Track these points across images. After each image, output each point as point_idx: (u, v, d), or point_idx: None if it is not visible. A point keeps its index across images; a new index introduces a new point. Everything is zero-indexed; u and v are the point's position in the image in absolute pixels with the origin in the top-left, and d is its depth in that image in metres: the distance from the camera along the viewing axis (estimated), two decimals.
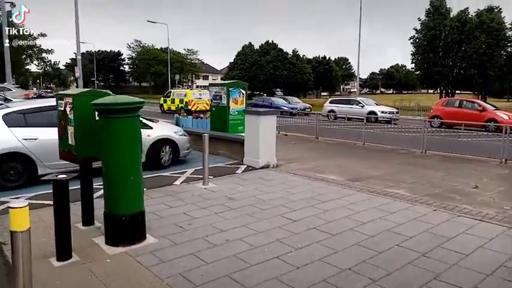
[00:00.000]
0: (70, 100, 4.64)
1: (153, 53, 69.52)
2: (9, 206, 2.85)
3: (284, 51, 58.53)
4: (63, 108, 4.80)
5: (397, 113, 24.61)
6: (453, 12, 43.46)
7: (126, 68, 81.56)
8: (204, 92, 26.68)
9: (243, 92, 10.84)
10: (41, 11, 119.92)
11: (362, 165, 9.53)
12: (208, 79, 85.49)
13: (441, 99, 31.61)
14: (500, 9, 41.73)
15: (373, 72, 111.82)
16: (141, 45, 72.79)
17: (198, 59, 77.01)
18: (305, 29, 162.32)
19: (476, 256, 4.23)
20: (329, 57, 73.61)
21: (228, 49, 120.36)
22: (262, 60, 56.53)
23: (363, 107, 24.13)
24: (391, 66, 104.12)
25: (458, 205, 6.11)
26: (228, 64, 63.31)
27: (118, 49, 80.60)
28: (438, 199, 6.45)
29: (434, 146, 11.81)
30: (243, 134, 9.16)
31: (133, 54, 75.01)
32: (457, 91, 46.29)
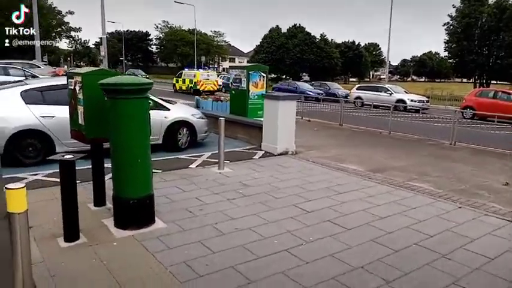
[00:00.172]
0: (79, 79, 4.53)
1: (180, 34, 69.58)
2: (6, 187, 2.75)
3: (312, 35, 57.36)
4: (73, 87, 4.71)
5: (427, 102, 23.76)
6: None
7: (154, 48, 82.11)
8: (212, 73, 29.72)
9: (264, 75, 10.54)
10: None
11: (385, 156, 9.17)
12: (234, 61, 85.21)
13: (475, 89, 30.23)
14: None
15: (404, 59, 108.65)
16: (169, 26, 72.94)
17: (225, 41, 76.68)
18: (336, 14, 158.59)
19: (502, 261, 3.91)
20: (358, 43, 71.81)
21: (256, 32, 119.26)
22: (289, 43, 55.66)
23: (391, 94, 23.37)
24: (424, 54, 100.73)
25: (485, 203, 5.74)
26: (255, 47, 62.67)
27: (146, 29, 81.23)
28: (464, 195, 6.09)
29: (464, 138, 11.26)
30: (262, 118, 8.94)
31: (161, 35, 75.33)
32: (493, 81, 44.31)
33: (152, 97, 8.20)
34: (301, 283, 3.34)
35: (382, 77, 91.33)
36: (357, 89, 25.76)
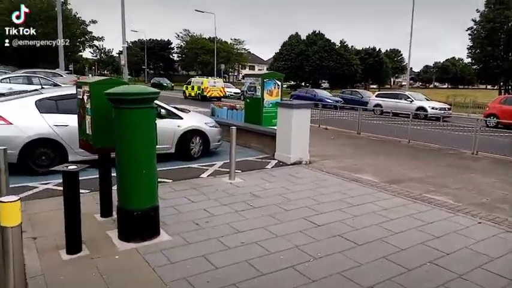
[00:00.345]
0: (87, 88, 4.50)
1: (201, 42, 70.36)
2: (0, 200, 2.71)
3: (331, 41, 57.03)
4: (81, 97, 4.69)
5: (449, 110, 23.12)
6: None
7: (175, 56, 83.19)
8: (218, 80, 32.36)
9: (279, 83, 10.43)
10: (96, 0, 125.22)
11: (403, 166, 8.88)
12: (254, 69, 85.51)
13: (499, 96, 29.25)
14: None
15: (426, 65, 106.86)
16: (190, 34, 73.86)
17: (245, 48, 77.06)
18: (356, 20, 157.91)
19: None
20: (379, 49, 70.94)
21: (276, 39, 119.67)
22: (309, 50, 55.45)
23: (411, 101, 22.87)
24: (447, 60, 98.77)
25: (508, 218, 5.41)
26: (274, 54, 62.74)
27: (168, 38, 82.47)
28: (485, 209, 5.78)
29: (487, 147, 10.83)
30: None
31: (182, 44, 76.31)
32: None
33: (165, 106, 8.20)
34: None
35: (403, 83, 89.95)
36: (376, 96, 25.32)
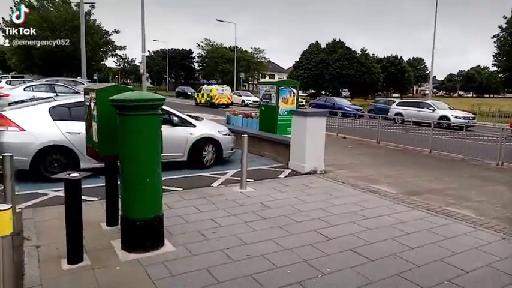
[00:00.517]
0: (94, 95, 4.45)
1: (221, 51, 70.88)
2: None
3: (352, 49, 56.53)
4: (88, 104, 4.64)
5: (473, 119, 22.39)
6: None
7: (196, 65, 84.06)
8: (226, 88, 34.38)
9: (294, 91, 10.26)
10: (120, 9, 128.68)
11: (423, 177, 8.53)
12: (274, 78, 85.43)
13: None
14: None
15: (450, 74, 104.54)
16: (210, 43, 74.54)
17: (265, 57, 77.08)
18: (378, 29, 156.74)
19: None
20: (401, 57, 69.85)
21: (296, 48, 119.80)
22: (329, 58, 55.10)
23: (434, 110, 22.27)
24: (472, 68, 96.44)
25: None
26: (293, 63, 62.66)
27: (189, 47, 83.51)
28: (509, 224, 5.42)
29: None
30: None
31: (202, 53, 77.09)
32: None
33: (178, 113, 8.14)
34: None
35: (426, 92, 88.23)
36: (397, 105, 24.80)
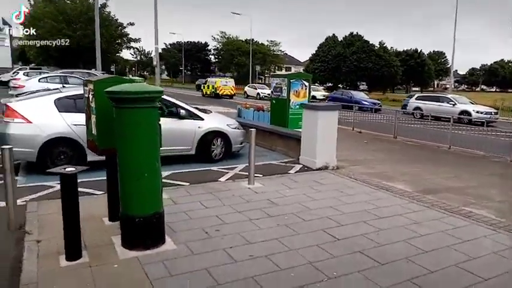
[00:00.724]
0: (92, 87, 4.30)
1: (237, 44, 70.60)
2: None
3: (370, 43, 55.49)
4: (87, 95, 4.50)
5: (495, 114, 21.64)
6: None
7: (212, 58, 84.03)
8: (229, 80, 37.76)
9: (306, 84, 9.96)
10: (136, 1, 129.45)
11: (440, 174, 8.17)
12: (291, 70, 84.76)
13: None
14: None
15: (473, 68, 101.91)
16: (226, 36, 74.31)
17: (281, 50, 76.50)
18: (398, 22, 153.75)
19: None
20: (421, 50, 68.32)
21: (313, 41, 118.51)
22: (346, 51, 54.24)
23: (454, 105, 21.58)
24: (495, 62, 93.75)
25: None
26: (310, 56, 61.93)
27: (205, 40, 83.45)
28: None
29: None
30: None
31: (218, 45, 76.98)
32: None
33: (186, 106, 7.98)
34: None
35: (447, 86, 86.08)
36: (416, 99, 24.15)
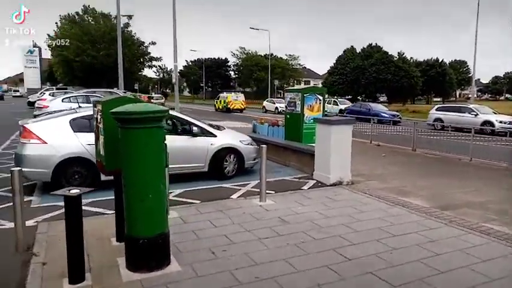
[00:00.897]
0: (100, 107, 4.33)
1: (256, 59, 71.21)
2: None
3: (389, 53, 54.99)
4: (96, 116, 4.54)
5: None
6: None
7: (232, 74, 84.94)
8: (240, 95, 39.25)
9: (320, 98, 9.86)
10: (159, 20, 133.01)
11: (461, 188, 7.87)
12: (309, 84, 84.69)
13: None
14: None
15: (496, 76, 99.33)
16: (245, 52, 75.10)
17: (300, 64, 76.63)
18: (418, 32, 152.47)
19: None
20: (442, 60, 67.23)
21: (333, 53, 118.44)
22: (365, 63, 53.88)
23: (476, 115, 20.99)
24: None
25: None
26: (328, 69, 61.81)
27: (225, 56, 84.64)
28: None
29: None
30: None
31: (238, 61, 77.82)
32: None
33: (199, 123, 8.00)
34: None
35: (470, 96, 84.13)
36: (436, 110, 23.63)
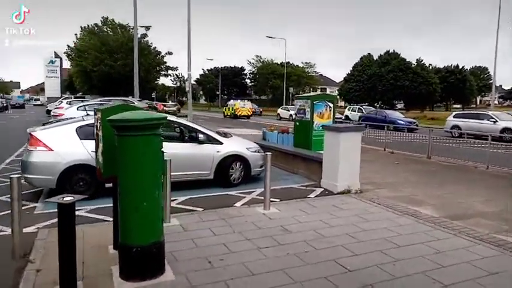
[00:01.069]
0: (99, 115, 4.32)
1: (272, 67, 71.41)
2: None
3: (407, 60, 54.31)
4: (96, 124, 4.53)
5: None
6: None
7: (248, 82, 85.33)
8: (247, 103, 41.25)
9: (330, 105, 9.72)
10: (176, 30, 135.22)
11: (475, 197, 7.58)
12: (326, 91, 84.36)
13: None
14: None
15: None
16: (261, 60, 75.41)
17: (316, 71, 76.42)
18: (438, 39, 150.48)
19: None
20: (462, 66, 66.03)
21: (349, 61, 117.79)
22: (382, 70, 53.33)
23: (495, 122, 20.42)
24: None
25: None
26: (345, 76, 61.42)
27: (241, 64, 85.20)
28: None
29: None
30: None
31: (253, 69, 78.18)
32: None
33: (205, 130, 7.96)
34: None
35: (490, 102, 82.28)
36: (454, 117, 23.11)
